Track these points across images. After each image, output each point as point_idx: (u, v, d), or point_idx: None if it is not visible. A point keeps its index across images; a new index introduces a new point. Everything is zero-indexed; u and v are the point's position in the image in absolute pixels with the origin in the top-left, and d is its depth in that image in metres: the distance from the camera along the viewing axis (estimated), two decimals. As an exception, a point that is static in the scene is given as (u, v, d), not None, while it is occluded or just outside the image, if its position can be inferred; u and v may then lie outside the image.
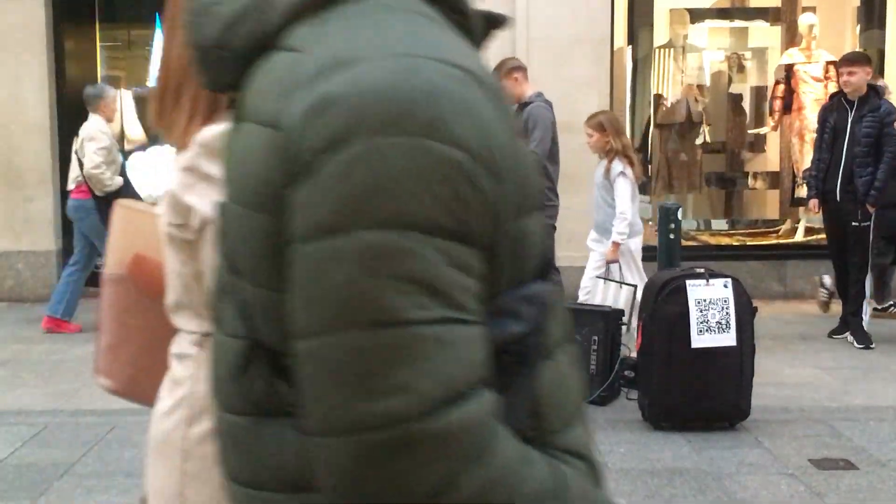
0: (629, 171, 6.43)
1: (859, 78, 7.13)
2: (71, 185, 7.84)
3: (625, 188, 6.38)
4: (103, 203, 7.40)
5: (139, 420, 5.38)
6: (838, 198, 7.28)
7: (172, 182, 1.67)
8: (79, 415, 5.53)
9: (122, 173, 7.73)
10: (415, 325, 0.94)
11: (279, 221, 1.00)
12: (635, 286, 6.09)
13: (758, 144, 10.65)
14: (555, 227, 7.05)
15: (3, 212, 9.06)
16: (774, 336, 7.53)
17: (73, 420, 5.42)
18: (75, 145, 7.74)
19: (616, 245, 6.40)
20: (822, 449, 4.95)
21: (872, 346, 7.13)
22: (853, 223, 7.23)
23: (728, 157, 10.74)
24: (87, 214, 7.67)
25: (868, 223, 7.19)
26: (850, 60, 7.29)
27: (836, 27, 10.34)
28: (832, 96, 7.51)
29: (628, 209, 6.36)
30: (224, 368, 1.14)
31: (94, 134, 7.58)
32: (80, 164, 7.63)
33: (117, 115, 9.48)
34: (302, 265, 0.97)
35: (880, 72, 9.97)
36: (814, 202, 7.52)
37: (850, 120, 7.20)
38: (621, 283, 6.25)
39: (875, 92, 7.23)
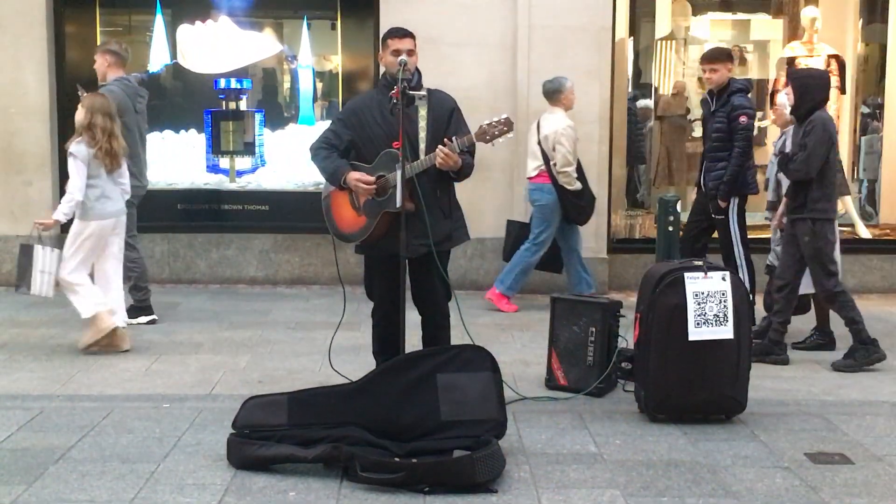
0: (82, 149, 6.55)
1: (721, 75, 7.28)
2: (532, 173, 8.19)
3: (73, 168, 6.55)
4: (564, 190, 7.95)
5: (136, 406, 5.40)
6: (702, 189, 7.55)
7: None
8: (75, 400, 5.53)
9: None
10: None
11: None
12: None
13: (758, 138, 10.61)
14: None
15: (2, 196, 9.05)
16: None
17: (70, 405, 5.42)
18: (537, 136, 8.10)
19: (55, 222, 6.66)
20: (817, 443, 4.95)
21: None
22: (713, 215, 7.44)
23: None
24: (542, 196, 8.09)
25: (723, 216, 7.34)
26: (712, 58, 7.45)
27: (838, 21, 10.31)
28: (707, 92, 7.68)
29: (76, 189, 6.52)
30: None
31: (562, 129, 7.95)
32: (544, 155, 8.02)
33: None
34: None
35: (882, 65, 9.96)
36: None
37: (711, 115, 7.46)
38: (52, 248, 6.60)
39: (729, 87, 7.28)
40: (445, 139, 4.97)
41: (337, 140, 5.28)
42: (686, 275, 5.14)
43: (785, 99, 6.77)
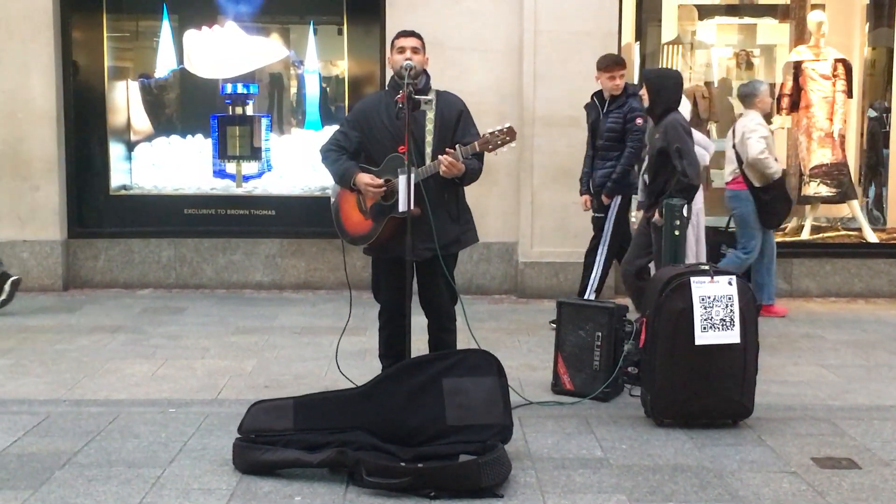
0: None
1: (623, 80, 7.55)
2: (728, 178, 8.25)
3: None
4: (760, 192, 7.93)
5: (141, 411, 5.41)
6: (592, 190, 7.69)
7: None
8: (81, 405, 5.54)
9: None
10: None
11: None
12: None
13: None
14: None
15: (9, 200, 9.07)
16: (779, 334, 7.52)
17: (76, 410, 5.43)
18: (732, 140, 8.12)
19: None
20: (824, 448, 4.93)
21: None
22: (593, 213, 7.63)
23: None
24: (740, 204, 8.06)
25: (603, 215, 7.48)
26: (618, 63, 7.63)
27: (844, 25, 10.30)
28: (593, 95, 7.70)
29: None
30: None
31: (753, 127, 7.94)
32: (738, 159, 8.01)
33: (125, 107, 9.51)
34: None
35: (889, 70, 9.93)
36: (583, 199, 7.83)
37: (601, 117, 7.63)
38: None
39: (625, 91, 7.52)
40: (448, 149, 4.97)
41: (346, 142, 5.29)
42: (692, 279, 5.13)
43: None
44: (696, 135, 7.25)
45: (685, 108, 7.39)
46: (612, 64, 7.59)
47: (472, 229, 5.39)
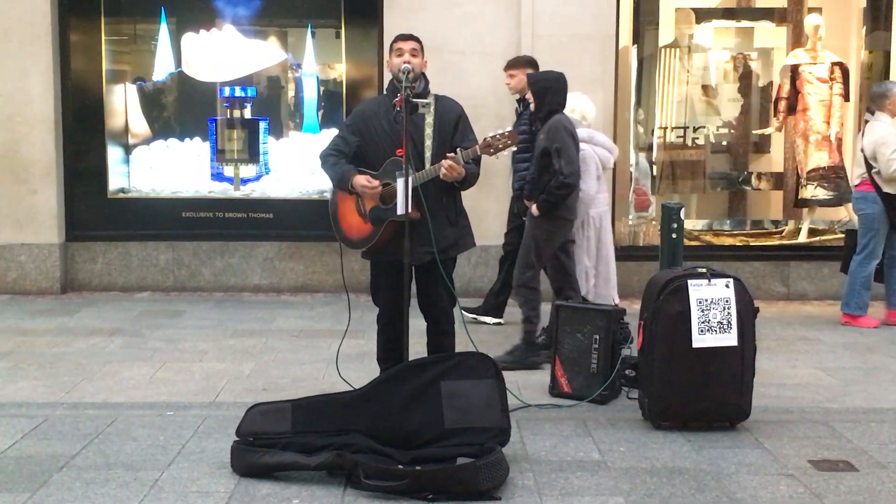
0: None
1: (518, 80, 7.44)
2: (855, 181, 8.14)
3: None
4: (889, 197, 7.84)
5: (139, 414, 5.41)
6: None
7: None
8: (79, 408, 5.54)
9: None
10: None
11: None
12: None
13: (762, 145, 10.63)
14: None
15: (7, 204, 9.07)
16: (776, 337, 7.53)
17: (74, 413, 5.43)
18: (860, 143, 8.02)
19: None
20: (821, 450, 4.94)
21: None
22: (522, 217, 7.41)
23: (732, 158, 10.72)
24: (866, 206, 7.95)
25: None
26: (510, 65, 7.61)
27: (841, 28, 10.31)
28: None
29: None
30: None
31: (882, 139, 7.81)
32: (866, 162, 7.90)
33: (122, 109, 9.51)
34: None
35: (885, 73, 9.94)
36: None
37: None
38: None
39: None
40: (448, 154, 4.97)
41: (345, 146, 5.29)
42: (689, 282, 5.14)
43: None
44: (600, 137, 7.18)
45: (588, 107, 7.24)
46: (506, 66, 7.58)
47: (470, 234, 5.40)
